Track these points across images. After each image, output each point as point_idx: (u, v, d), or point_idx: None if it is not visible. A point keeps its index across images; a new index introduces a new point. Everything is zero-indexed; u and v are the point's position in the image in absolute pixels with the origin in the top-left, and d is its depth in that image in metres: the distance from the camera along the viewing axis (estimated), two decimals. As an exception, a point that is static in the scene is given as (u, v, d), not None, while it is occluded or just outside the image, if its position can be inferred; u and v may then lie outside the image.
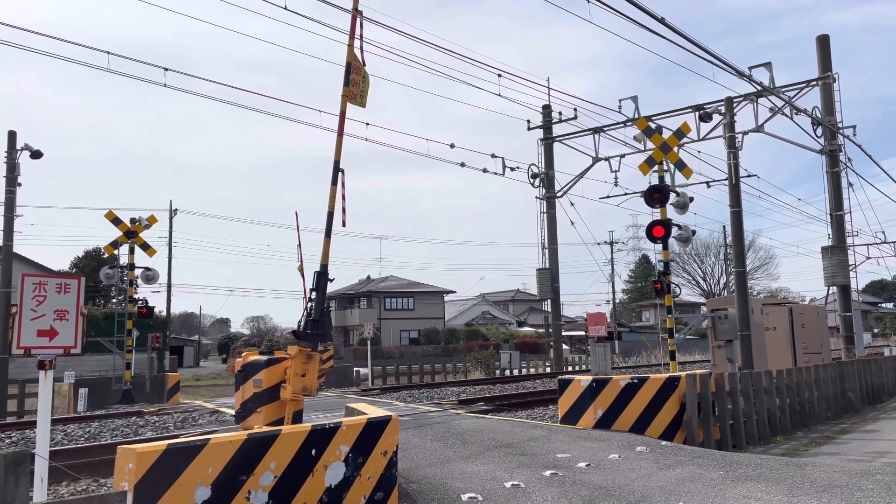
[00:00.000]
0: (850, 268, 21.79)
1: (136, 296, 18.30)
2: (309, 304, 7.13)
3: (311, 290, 7.13)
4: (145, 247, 18.52)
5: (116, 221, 18.00)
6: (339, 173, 7.25)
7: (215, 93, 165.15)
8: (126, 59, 17.02)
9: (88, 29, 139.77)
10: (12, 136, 20.04)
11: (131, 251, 18.25)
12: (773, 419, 11.05)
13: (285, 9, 13.61)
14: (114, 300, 43.02)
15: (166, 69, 15.60)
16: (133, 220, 18.20)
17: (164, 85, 15.91)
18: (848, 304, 21.55)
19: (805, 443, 10.33)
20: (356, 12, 7.61)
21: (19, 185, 20.14)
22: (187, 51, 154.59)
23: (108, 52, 14.73)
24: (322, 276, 7.14)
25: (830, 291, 22.71)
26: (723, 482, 6.26)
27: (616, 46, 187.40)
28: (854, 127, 23.96)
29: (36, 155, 20.05)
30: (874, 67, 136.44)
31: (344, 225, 7.23)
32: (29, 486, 3.89)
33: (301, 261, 7.57)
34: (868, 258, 31.74)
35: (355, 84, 7.62)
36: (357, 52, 7.65)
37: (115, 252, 18.48)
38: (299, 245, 7.62)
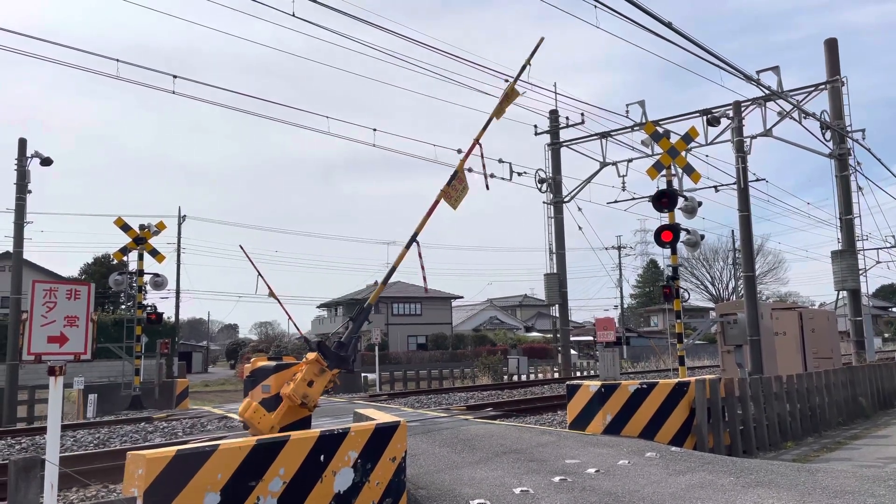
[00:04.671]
0: (860, 272, 21.65)
1: (144, 302, 18.37)
2: (343, 328, 7.40)
3: (350, 319, 7.47)
4: (154, 253, 18.61)
5: (126, 228, 18.10)
6: (416, 244, 7.60)
7: (223, 99, 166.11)
8: (135, 67, 17.14)
9: (97, 32, 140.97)
10: (22, 143, 20.19)
11: (140, 257, 18.34)
12: (784, 425, 10.98)
13: (293, 15, 13.67)
14: (123, 306, 43.22)
15: (175, 76, 15.65)
16: (142, 227, 18.29)
17: (173, 92, 15.97)
18: (858, 308, 21.40)
19: (816, 448, 10.25)
20: (477, 143, 8.18)
21: (29, 192, 20.31)
22: (195, 53, 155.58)
23: (117, 60, 14.80)
24: (365, 312, 7.48)
25: (840, 296, 22.57)
26: (734, 488, 6.22)
27: (624, 48, 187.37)
28: (863, 130, 23.79)
29: (46, 162, 20.19)
30: (888, 68, 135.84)
31: (426, 291, 7.61)
32: (39, 491, 3.90)
33: (270, 288, 7.67)
34: (878, 262, 31.43)
35: (454, 189, 7.97)
36: (465, 167, 8.04)
37: (125, 258, 18.53)
38: (259, 275, 7.69)
